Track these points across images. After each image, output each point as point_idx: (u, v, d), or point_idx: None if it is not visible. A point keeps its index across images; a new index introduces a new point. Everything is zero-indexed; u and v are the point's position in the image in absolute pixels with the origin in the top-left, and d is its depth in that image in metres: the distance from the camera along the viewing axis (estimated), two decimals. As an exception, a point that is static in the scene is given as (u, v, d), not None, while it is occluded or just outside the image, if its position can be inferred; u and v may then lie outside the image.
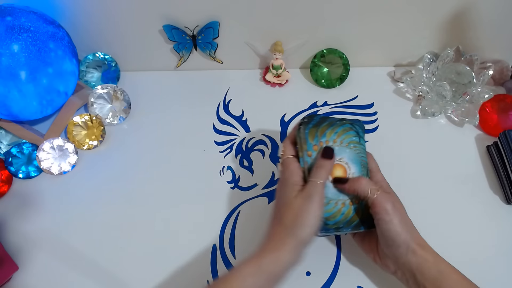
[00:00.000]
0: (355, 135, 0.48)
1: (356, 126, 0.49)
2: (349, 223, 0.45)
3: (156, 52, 0.70)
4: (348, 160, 0.47)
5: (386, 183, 0.48)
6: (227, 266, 0.53)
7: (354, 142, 0.48)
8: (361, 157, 0.47)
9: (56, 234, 0.56)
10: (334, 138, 0.47)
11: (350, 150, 0.47)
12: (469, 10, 0.63)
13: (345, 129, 0.48)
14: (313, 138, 0.47)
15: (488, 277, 0.51)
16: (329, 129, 0.47)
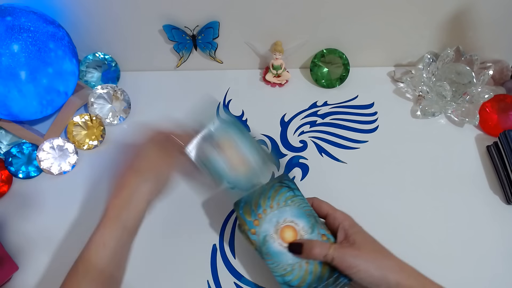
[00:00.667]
0: (288, 190, 0.47)
1: (285, 182, 0.48)
2: (321, 279, 0.43)
3: (156, 52, 0.70)
4: (293, 217, 0.46)
5: (348, 221, 0.45)
6: (227, 266, 0.53)
7: (289, 197, 0.47)
8: (303, 208, 0.46)
9: (56, 234, 0.56)
10: (270, 203, 0.47)
11: (289, 207, 0.46)
12: (469, 10, 0.63)
13: (275, 190, 0.47)
14: (250, 214, 0.46)
15: (488, 277, 0.51)
16: (261, 197, 0.47)
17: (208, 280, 0.52)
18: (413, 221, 0.55)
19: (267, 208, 0.46)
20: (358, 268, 0.41)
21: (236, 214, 0.47)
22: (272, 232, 0.45)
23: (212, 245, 0.55)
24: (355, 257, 0.42)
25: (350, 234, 0.44)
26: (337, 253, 0.42)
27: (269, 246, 0.44)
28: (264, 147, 0.50)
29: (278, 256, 0.44)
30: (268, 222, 0.45)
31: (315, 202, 0.48)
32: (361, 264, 0.41)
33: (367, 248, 0.43)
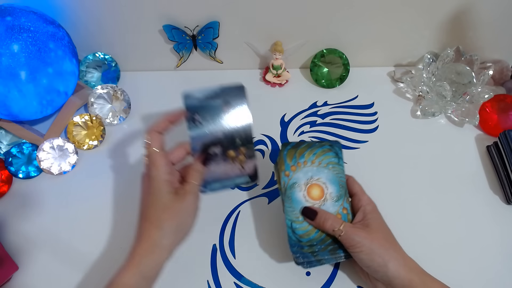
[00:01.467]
0: (334, 156, 0.49)
1: (336, 148, 0.50)
2: (323, 241, 0.45)
3: (156, 52, 0.70)
4: (326, 180, 0.48)
5: (370, 206, 0.47)
6: (227, 266, 0.53)
7: (332, 163, 0.49)
8: (339, 178, 0.48)
9: (56, 234, 0.56)
10: (313, 159, 0.49)
11: (328, 170, 0.48)
12: (469, 10, 0.63)
13: (324, 150, 0.49)
14: (291, 158, 0.48)
15: (488, 277, 0.51)
16: (308, 150, 0.49)
17: (208, 280, 0.52)
18: (413, 221, 0.55)
19: (308, 162, 0.48)
20: (361, 249, 0.43)
21: (280, 153, 0.49)
22: (303, 183, 0.47)
23: (212, 245, 0.55)
24: (362, 238, 0.43)
25: (368, 218, 0.46)
26: (347, 230, 0.44)
27: (293, 192, 0.47)
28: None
29: (297, 203, 0.47)
30: (304, 173, 0.48)
31: (350, 179, 0.50)
32: (365, 246, 0.43)
33: (378, 235, 0.44)
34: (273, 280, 0.52)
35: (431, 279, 0.43)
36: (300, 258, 0.45)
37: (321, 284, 0.51)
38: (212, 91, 0.48)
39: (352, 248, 0.43)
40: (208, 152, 0.46)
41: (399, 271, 0.42)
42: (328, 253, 0.45)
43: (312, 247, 0.45)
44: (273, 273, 0.52)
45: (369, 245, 0.43)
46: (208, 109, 0.47)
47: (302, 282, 0.51)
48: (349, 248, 0.44)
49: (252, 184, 0.55)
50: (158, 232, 0.42)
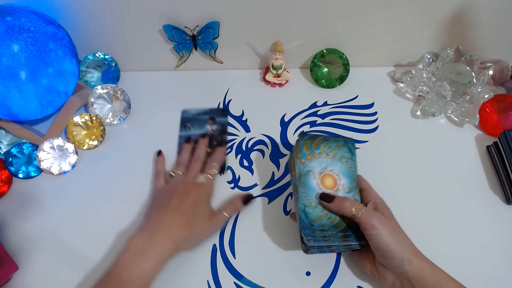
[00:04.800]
0: (347, 151, 0.52)
1: (349, 144, 0.53)
2: (335, 227, 0.47)
3: (156, 52, 0.70)
4: (339, 172, 0.50)
5: (380, 199, 0.49)
6: (227, 266, 0.53)
7: (346, 157, 0.51)
8: (352, 171, 0.51)
9: (56, 234, 0.56)
10: (327, 151, 0.51)
11: (341, 164, 0.51)
12: (469, 10, 0.63)
13: (338, 145, 0.52)
14: (308, 148, 0.51)
15: (488, 277, 0.51)
16: (324, 143, 0.52)
17: (208, 280, 0.52)
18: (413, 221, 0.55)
19: (323, 153, 0.51)
20: (380, 231, 0.43)
21: (297, 142, 0.52)
22: (317, 171, 0.50)
23: (212, 245, 0.55)
24: (382, 221, 0.44)
25: (380, 208, 0.47)
26: (366, 212, 0.45)
27: (308, 179, 0.49)
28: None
29: (310, 190, 0.49)
30: (319, 163, 0.50)
31: (359, 177, 0.52)
32: (384, 229, 0.43)
33: (393, 224, 0.46)
34: (273, 280, 0.52)
35: (439, 269, 0.44)
36: (312, 241, 0.46)
37: (321, 284, 0.51)
38: (203, 110, 0.68)
39: (371, 229, 0.43)
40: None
41: (413, 258, 0.43)
42: (339, 239, 0.46)
43: (324, 231, 0.46)
44: (273, 273, 0.52)
45: (388, 228, 0.44)
46: (197, 120, 0.67)
47: (302, 282, 0.51)
48: (368, 229, 0.44)
49: (220, 173, 0.61)
50: (172, 250, 0.49)
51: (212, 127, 0.65)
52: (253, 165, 0.62)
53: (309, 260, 0.53)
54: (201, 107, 0.68)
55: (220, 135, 0.65)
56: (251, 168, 0.62)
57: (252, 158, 0.63)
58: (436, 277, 0.43)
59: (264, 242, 0.54)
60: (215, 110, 0.68)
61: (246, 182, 0.60)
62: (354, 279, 0.51)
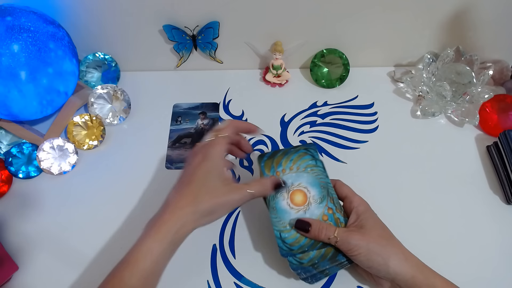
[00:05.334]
0: (311, 159, 0.50)
1: (311, 150, 0.51)
2: (313, 246, 0.45)
3: (156, 52, 0.70)
4: (307, 184, 0.48)
5: (363, 206, 0.47)
6: (227, 266, 0.53)
7: (310, 165, 0.49)
8: (319, 179, 0.49)
9: (56, 234, 0.56)
10: (290, 165, 0.49)
11: (307, 174, 0.49)
12: (469, 10, 0.63)
13: (300, 155, 0.50)
14: (269, 169, 0.49)
15: (488, 277, 0.51)
16: (284, 157, 0.50)
17: (208, 280, 0.52)
18: (413, 221, 0.55)
19: (287, 169, 0.49)
20: (359, 252, 0.43)
21: (258, 165, 0.50)
22: (284, 191, 0.48)
23: (212, 245, 0.55)
24: (358, 241, 0.43)
25: (361, 218, 0.45)
26: (342, 236, 0.44)
27: (277, 202, 0.47)
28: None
29: (282, 213, 0.47)
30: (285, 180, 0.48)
31: (338, 183, 0.49)
32: (363, 248, 0.43)
33: (374, 234, 0.44)
34: (273, 280, 0.51)
35: (433, 273, 0.43)
36: (302, 273, 0.45)
37: (321, 284, 0.51)
38: (194, 104, 0.68)
39: (350, 252, 0.43)
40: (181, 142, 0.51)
41: (401, 267, 0.42)
42: (328, 262, 0.45)
43: (304, 253, 0.45)
44: (273, 273, 0.52)
45: (366, 246, 0.43)
46: (188, 114, 0.67)
47: (302, 282, 0.51)
48: (347, 252, 0.44)
49: None
50: (193, 208, 0.42)
51: (203, 122, 0.66)
52: (253, 165, 0.62)
53: (309, 260, 0.53)
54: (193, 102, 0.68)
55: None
56: (251, 168, 0.62)
57: (252, 158, 0.63)
58: (429, 282, 0.42)
59: (264, 242, 0.54)
60: (206, 104, 0.68)
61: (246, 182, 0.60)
62: (354, 279, 0.51)
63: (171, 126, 0.66)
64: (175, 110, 0.68)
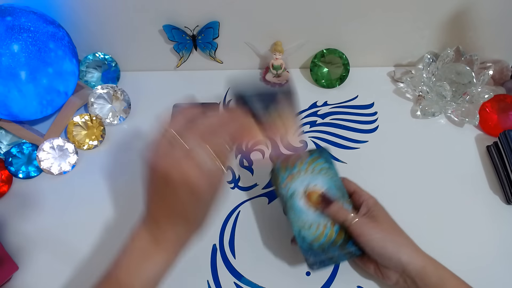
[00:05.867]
0: (324, 162, 0.51)
1: (324, 154, 0.52)
2: (334, 244, 0.46)
3: (156, 52, 0.70)
4: (323, 185, 0.49)
5: (372, 200, 0.48)
6: (227, 266, 0.53)
7: (325, 168, 0.51)
8: (334, 181, 0.50)
9: (56, 234, 0.56)
10: (305, 168, 0.50)
11: (322, 176, 0.50)
12: (469, 10, 0.63)
13: (313, 159, 0.51)
14: (285, 171, 0.50)
15: (488, 277, 0.51)
16: (298, 160, 0.51)
17: (208, 280, 0.52)
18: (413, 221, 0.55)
19: (302, 171, 0.50)
20: (372, 237, 0.44)
21: (273, 168, 0.51)
22: (301, 191, 0.49)
23: (212, 245, 0.55)
24: (372, 228, 0.44)
25: (372, 210, 0.47)
26: (356, 221, 0.45)
27: (294, 202, 0.48)
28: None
29: (300, 212, 0.48)
30: (300, 182, 0.49)
31: (345, 180, 0.51)
32: (376, 234, 0.44)
33: (386, 225, 0.46)
34: (273, 280, 0.52)
35: (441, 266, 0.44)
36: (311, 258, 0.46)
37: (321, 284, 0.51)
38: (194, 104, 0.58)
39: (362, 237, 0.44)
40: None
41: (412, 256, 0.43)
42: (338, 249, 0.46)
43: (327, 252, 0.46)
44: (273, 273, 0.52)
45: (380, 233, 0.44)
46: None
47: (302, 282, 0.51)
48: (359, 237, 0.44)
49: None
50: (174, 226, 0.40)
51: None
52: (253, 165, 0.62)
53: (309, 260, 0.53)
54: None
55: None
56: (251, 168, 0.62)
57: (252, 158, 0.63)
58: (438, 273, 0.43)
59: (264, 242, 0.54)
60: (206, 104, 0.67)
61: (246, 182, 0.60)
62: (354, 279, 0.51)
63: None
64: (175, 110, 0.68)
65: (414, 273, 0.43)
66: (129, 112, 0.68)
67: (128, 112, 0.68)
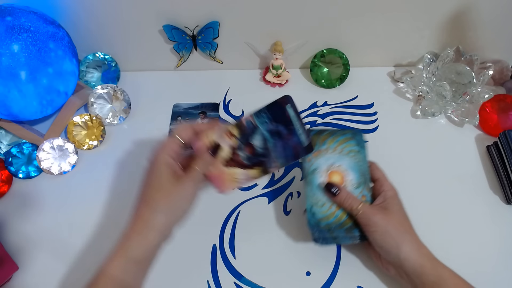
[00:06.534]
0: (355, 145, 0.51)
1: (358, 137, 0.52)
2: (341, 226, 0.47)
3: (156, 52, 0.70)
4: (347, 167, 0.49)
5: (392, 192, 0.48)
6: (227, 266, 0.53)
7: (354, 151, 0.50)
8: (360, 165, 0.50)
9: (56, 234, 0.56)
10: (334, 146, 0.50)
11: (349, 158, 0.50)
12: (469, 10, 0.63)
13: (346, 139, 0.51)
14: (314, 145, 0.50)
15: (488, 277, 0.51)
16: (330, 137, 0.51)
17: (208, 280, 0.52)
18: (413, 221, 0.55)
19: (330, 149, 0.50)
20: (376, 229, 0.44)
21: None
22: (324, 169, 0.49)
23: (212, 245, 0.55)
24: (378, 219, 0.45)
25: (387, 201, 0.47)
26: (364, 210, 0.45)
27: (313, 177, 0.49)
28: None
29: (316, 189, 0.48)
30: (325, 159, 0.50)
31: (373, 165, 0.51)
32: (381, 227, 0.44)
33: (395, 219, 0.46)
34: (273, 280, 0.52)
35: (442, 265, 0.44)
36: (316, 233, 0.47)
37: (321, 284, 0.51)
38: (194, 104, 0.68)
39: (367, 227, 0.45)
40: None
41: (411, 254, 0.43)
42: (344, 232, 0.47)
43: (332, 232, 0.47)
44: (273, 273, 0.52)
45: (385, 226, 0.44)
46: (188, 114, 0.67)
47: (302, 282, 0.51)
48: (365, 227, 0.45)
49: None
50: (149, 211, 0.42)
51: (203, 122, 0.65)
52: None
53: (309, 260, 0.53)
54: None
55: None
56: (251, 168, 0.62)
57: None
58: (437, 273, 0.43)
59: (264, 242, 0.54)
60: (206, 104, 0.68)
61: (246, 182, 0.60)
62: (354, 279, 0.51)
63: (171, 126, 0.66)
64: (175, 110, 0.68)
65: (411, 271, 0.43)
66: (129, 112, 0.68)
67: (128, 112, 0.68)
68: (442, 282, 0.42)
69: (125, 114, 0.67)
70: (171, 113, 0.68)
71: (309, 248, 0.53)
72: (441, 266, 0.44)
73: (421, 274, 0.43)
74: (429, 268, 0.43)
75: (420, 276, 0.43)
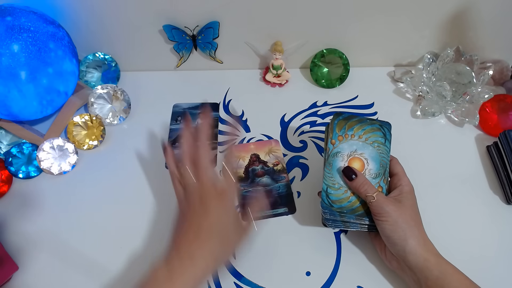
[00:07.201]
0: (381, 136, 0.51)
1: (385, 128, 0.52)
2: (353, 212, 0.48)
3: (156, 52, 0.70)
4: (368, 157, 0.50)
5: (408, 187, 0.49)
6: (227, 266, 0.53)
7: (378, 142, 0.51)
8: (382, 157, 0.50)
9: (56, 234, 0.56)
10: (360, 134, 0.51)
11: (373, 148, 0.50)
12: (469, 10, 0.63)
13: (373, 128, 0.51)
14: (341, 129, 0.51)
15: (488, 277, 0.51)
16: (358, 124, 0.52)
17: (208, 280, 0.52)
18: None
19: (356, 136, 0.51)
20: (387, 219, 0.45)
21: (331, 121, 0.52)
22: (346, 154, 0.50)
23: (212, 245, 0.55)
24: (391, 210, 0.45)
25: (402, 196, 0.47)
26: (379, 198, 0.46)
27: (335, 160, 0.50)
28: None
29: (335, 172, 0.49)
30: (349, 145, 0.51)
31: (394, 160, 0.52)
32: (392, 218, 0.45)
33: (407, 213, 0.46)
34: (273, 280, 0.51)
35: (446, 262, 0.44)
36: (328, 214, 0.48)
37: (321, 284, 0.51)
38: (194, 104, 0.68)
39: (378, 215, 0.45)
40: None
41: (417, 248, 0.44)
42: (354, 217, 0.47)
43: (343, 215, 0.47)
44: (273, 273, 0.52)
45: (396, 217, 0.45)
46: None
47: (302, 282, 0.51)
48: (376, 215, 0.45)
49: None
50: (206, 250, 0.42)
51: (198, 120, 0.66)
52: (253, 165, 0.62)
53: (309, 260, 0.53)
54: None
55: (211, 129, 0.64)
56: (251, 168, 0.62)
57: (252, 158, 0.63)
58: (440, 268, 0.43)
59: (264, 242, 0.54)
60: (206, 104, 0.69)
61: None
62: (354, 279, 0.51)
63: (171, 126, 0.66)
64: (175, 110, 0.68)
65: (413, 265, 0.44)
66: (129, 112, 0.68)
67: (128, 112, 0.68)
68: (445, 277, 0.43)
69: (125, 114, 0.67)
70: (171, 113, 0.68)
71: (309, 248, 0.53)
72: (445, 262, 0.44)
73: (424, 268, 0.43)
74: (433, 263, 0.43)
75: (423, 271, 0.43)
